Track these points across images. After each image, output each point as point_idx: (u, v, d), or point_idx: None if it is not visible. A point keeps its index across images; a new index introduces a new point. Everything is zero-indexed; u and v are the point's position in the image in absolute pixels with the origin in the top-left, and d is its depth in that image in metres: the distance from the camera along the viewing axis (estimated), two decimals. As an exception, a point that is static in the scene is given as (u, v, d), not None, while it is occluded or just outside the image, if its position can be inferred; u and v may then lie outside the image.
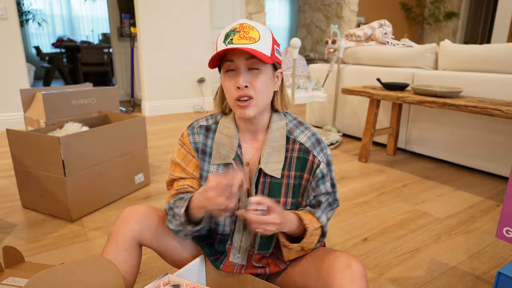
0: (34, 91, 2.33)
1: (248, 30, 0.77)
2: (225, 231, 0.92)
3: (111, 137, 1.75)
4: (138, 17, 3.80)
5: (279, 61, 0.85)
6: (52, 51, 6.96)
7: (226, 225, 0.91)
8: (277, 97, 0.88)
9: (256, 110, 0.82)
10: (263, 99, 0.82)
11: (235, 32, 0.77)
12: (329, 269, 0.79)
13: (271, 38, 0.81)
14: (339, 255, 0.81)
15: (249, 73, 0.79)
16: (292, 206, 0.89)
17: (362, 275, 0.78)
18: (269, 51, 0.79)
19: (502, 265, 1.34)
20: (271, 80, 0.83)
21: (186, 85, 4.25)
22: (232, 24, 0.80)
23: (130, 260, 0.90)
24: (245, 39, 0.76)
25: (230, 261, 0.92)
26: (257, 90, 0.80)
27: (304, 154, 0.86)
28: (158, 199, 1.86)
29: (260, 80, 0.80)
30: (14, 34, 3.15)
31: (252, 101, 0.80)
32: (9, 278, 1.06)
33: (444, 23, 7.57)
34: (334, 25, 3.05)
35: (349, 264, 0.78)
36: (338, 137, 2.94)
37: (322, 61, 5.62)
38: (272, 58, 0.80)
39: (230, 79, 0.81)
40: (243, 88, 0.79)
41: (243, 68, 0.79)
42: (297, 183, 0.87)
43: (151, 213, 0.93)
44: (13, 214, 1.67)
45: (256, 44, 0.76)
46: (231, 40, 0.77)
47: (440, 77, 2.39)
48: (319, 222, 0.85)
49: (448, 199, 1.92)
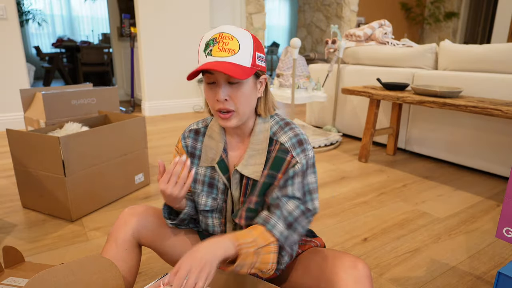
0: (34, 91, 2.33)
1: (227, 41, 0.75)
2: (215, 232, 0.93)
3: (111, 137, 1.75)
4: (138, 17, 3.80)
5: (262, 68, 0.82)
6: (52, 51, 6.97)
7: (216, 225, 0.92)
8: (261, 103, 0.86)
9: (237, 120, 0.81)
10: (244, 110, 0.81)
11: (214, 42, 0.76)
12: (334, 270, 0.79)
13: (252, 46, 0.78)
14: (343, 256, 0.81)
15: (229, 87, 0.78)
16: (256, 205, 0.85)
17: (367, 276, 0.77)
18: (250, 61, 0.77)
19: (502, 265, 1.34)
20: (253, 89, 0.81)
21: (186, 85, 4.25)
22: (213, 31, 0.78)
23: (130, 260, 0.90)
24: (223, 51, 0.75)
25: None
26: (237, 103, 0.79)
27: (282, 154, 0.83)
28: (158, 199, 1.86)
29: (240, 93, 0.78)
30: (14, 34, 3.15)
31: (233, 113, 0.80)
32: (9, 278, 1.06)
33: (444, 23, 7.58)
34: (334, 25, 3.05)
35: (355, 265, 0.78)
36: (338, 137, 2.94)
37: (322, 61, 5.62)
38: (253, 68, 0.78)
39: (211, 90, 0.80)
40: (223, 102, 0.78)
41: (222, 82, 0.78)
42: (267, 181, 0.84)
43: (150, 213, 0.93)
44: (13, 214, 1.67)
45: (234, 57, 0.75)
46: (210, 51, 0.75)
47: (440, 77, 2.40)
48: (271, 236, 0.78)
49: (448, 199, 1.92)
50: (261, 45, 0.82)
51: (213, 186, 0.90)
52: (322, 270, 0.82)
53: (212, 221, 0.92)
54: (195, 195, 0.91)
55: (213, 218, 0.92)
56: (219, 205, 0.90)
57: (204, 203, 0.90)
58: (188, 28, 4.08)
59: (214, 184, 0.89)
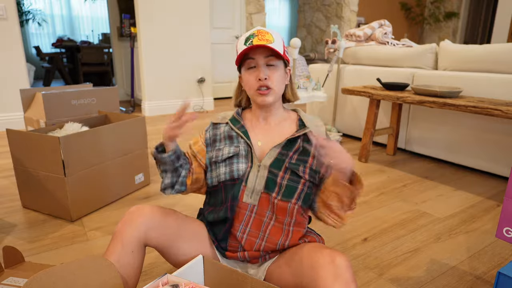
0: (34, 91, 2.33)
1: (264, 34, 0.94)
2: (240, 175, 0.97)
3: (111, 137, 1.75)
4: (138, 17, 3.80)
5: (288, 60, 1.01)
6: (52, 51, 6.96)
7: (242, 169, 0.97)
8: (288, 89, 1.06)
9: (273, 98, 0.97)
10: (279, 89, 0.98)
11: (254, 36, 0.94)
12: (313, 266, 0.80)
13: (282, 41, 0.99)
14: (322, 251, 0.82)
15: (267, 68, 0.96)
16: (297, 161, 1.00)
17: (346, 268, 0.78)
18: (282, 50, 0.96)
19: (502, 265, 1.34)
20: (283, 75, 1.00)
21: (186, 85, 4.25)
22: (250, 30, 0.97)
23: (134, 262, 0.90)
24: (263, 41, 0.93)
25: (243, 202, 0.95)
26: (274, 81, 0.96)
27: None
28: (158, 199, 1.86)
29: (277, 73, 0.97)
30: (14, 34, 3.15)
31: (271, 90, 0.96)
32: (9, 278, 1.06)
33: (444, 23, 7.57)
34: (334, 25, 3.05)
35: (332, 259, 0.79)
36: (338, 137, 2.94)
37: (322, 61, 5.62)
38: (285, 56, 0.97)
39: (251, 74, 0.96)
40: (263, 80, 0.94)
41: (262, 64, 0.95)
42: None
43: (157, 214, 0.93)
44: (13, 214, 1.67)
45: (272, 44, 0.93)
46: (251, 42, 0.92)
47: (440, 77, 2.39)
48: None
49: (448, 199, 1.92)
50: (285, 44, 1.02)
51: (232, 138, 1.02)
52: (304, 267, 0.84)
53: (237, 166, 0.98)
54: (220, 151, 1.01)
55: (240, 163, 0.98)
56: (241, 151, 0.99)
57: (228, 151, 0.99)
58: (188, 28, 4.08)
59: (232, 136, 1.02)
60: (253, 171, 0.96)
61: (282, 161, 0.96)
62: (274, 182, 0.95)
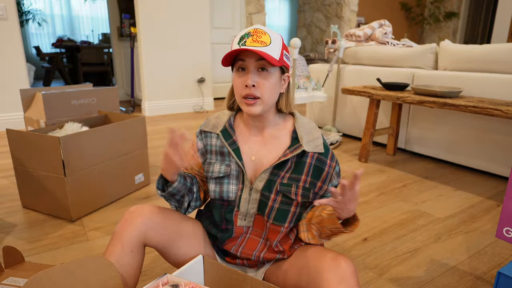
0: (34, 91, 2.33)
1: (260, 35, 0.84)
2: (231, 198, 0.94)
3: (111, 137, 1.75)
4: (138, 17, 3.80)
5: (287, 65, 0.90)
6: (52, 51, 6.97)
7: (232, 191, 0.94)
8: (282, 99, 0.93)
9: (261, 108, 0.87)
10: (268, 99, 0.87)
11: (249, 35, 0.84)
12: (318, 270, 0.79)
13: (281, 43, 0.87)
14: (326, 254, 0.81)
15: (257, 74, 0.85)
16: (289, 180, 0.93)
17: (351, 273, 0.77)
18: (278, 55, 0.85)
19: (502, 265, 1.34)
20: (277, 82, 0.88)
21: (186, 85, 4.25)
22: (248, 28, 0.86)
23: (134, 262, 0.89)
24: (257, 42, 0.83)
25: (238, 226, 0.95)
26: (263, 90, 0.85)
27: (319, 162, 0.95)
28: (158, 199, 1.86)
29: (268, 81, 0.85)
30: (14, 34, 3.15)
31: (258, 100, 0.86)
32: (9, 278, 1.06)
33: (444, 23, 7.57)
34: (334, 25, 3.05)
35: (337, 263, 0.78)
36: (338, 137, 2.94)
37: (322, 61, 5.61)
38: (280, 62, 0.85)
39: (240, 77, 0.86)
40: (251, 87, 0.84)
41: (252, 68, 0.84)
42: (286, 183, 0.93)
43: (156, 214, 0.93)
44: (13, 214, 1.67)
45: (266, 48, 0.82)
46: (244, 42, 0.83)
47: (440, 77, 2.39)
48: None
49: (448, 199, 1.92)
50: (287, 47, 0.90)
51: (224, 154, 0.95)
52: (308, 270, 0.83)
53: (227, 188, 0.94)
54: (210, 165, 0.96)
55: (230, 184, 0.94)
56: (232, 171, 0.94)
57: (218, 170, 0.94)
58: (188, 28, 4.08)
59: (224, 152, 0.95)
60: (244, 194, 0.93)
61: (274, 182, 0.90)
62: (266, 205, 0.92)
